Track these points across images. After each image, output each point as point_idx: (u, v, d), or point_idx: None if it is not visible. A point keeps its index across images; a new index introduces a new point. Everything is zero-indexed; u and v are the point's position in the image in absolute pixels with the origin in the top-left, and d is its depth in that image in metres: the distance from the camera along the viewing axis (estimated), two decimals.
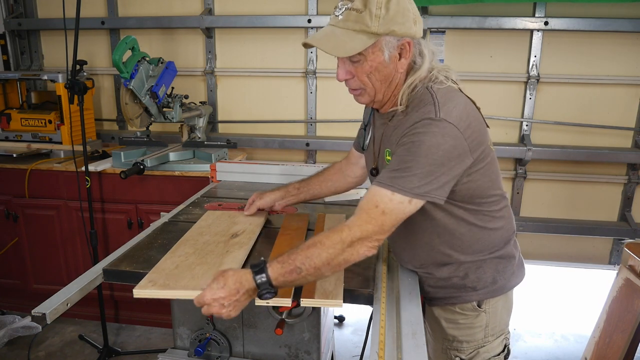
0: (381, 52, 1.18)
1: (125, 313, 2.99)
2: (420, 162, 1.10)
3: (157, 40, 3.18)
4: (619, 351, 2.15)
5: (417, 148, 1.11)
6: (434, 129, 1.11)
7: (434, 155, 1.10)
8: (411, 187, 1.10)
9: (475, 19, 2.76)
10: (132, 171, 2.45)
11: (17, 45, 3.34)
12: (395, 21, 1.14)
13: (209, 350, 1.53)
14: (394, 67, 1.21)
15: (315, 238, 1.12)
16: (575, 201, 3.01)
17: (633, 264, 2.19)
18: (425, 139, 1.11)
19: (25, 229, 2.84)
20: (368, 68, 1.19)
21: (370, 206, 1.11)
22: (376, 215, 1.10)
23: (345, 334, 2.96)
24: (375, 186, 1.13)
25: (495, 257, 1.34)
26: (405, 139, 1.14)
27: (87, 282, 1.28)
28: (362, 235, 1.09)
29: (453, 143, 1.12)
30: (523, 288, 1.44)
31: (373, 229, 1.10)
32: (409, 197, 1.10)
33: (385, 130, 1.31)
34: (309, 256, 1.08)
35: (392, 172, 1.12)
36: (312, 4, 2.96)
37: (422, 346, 1.05)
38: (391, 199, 1.10)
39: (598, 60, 2.81)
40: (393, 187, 1.10)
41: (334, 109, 3.12)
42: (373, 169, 1.39)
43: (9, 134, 2.96)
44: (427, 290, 1.39)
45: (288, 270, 1.08)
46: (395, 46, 1.18)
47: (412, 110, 1.20)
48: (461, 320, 1.36)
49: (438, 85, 1.20)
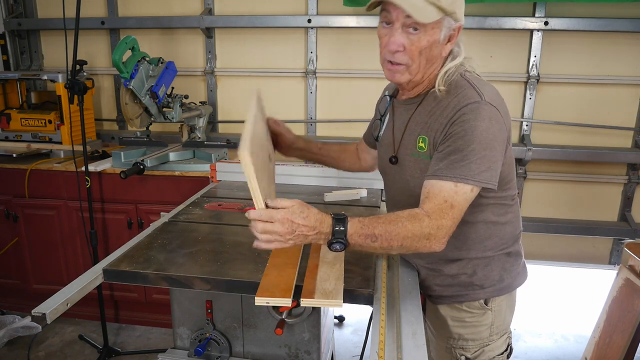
0: (439, 30, 1.18)
1: (125, 313, 3.00)
2: (476, 149, 1.11)
3: (157, 40, 3.18)
4: (619, 351, 2.15)
5: (471, 134, 1.12)
6: (482, 113, 1.13)
7: (486, 140, 1.12)
8: (472, 174, 1.11)
9: (475, 19, 2.76)
10: (132, 171, 2.46)
11: (17, 45, 3.34)
12: (458, 5, 1.18)
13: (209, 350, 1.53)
14: (442, 49, 1.22)
15: (397, 215, 1.11)
16: (576, 201, 3.01)
17: (633, 264, 2.19)
18: (476, 124, 1.12)
19: (25, 229, 2.84)
20: (424, 43, 1.18)
21: (439, 201, 1.11)
22: (447, 209, 1.11)
23: (345, 334, 2.96)
24: (436, 180, 1.13)
25: (504, 255, 1.35)
26: (455, 127, 1.15)
27: (87, 282, 1.27)
28: (440, 230, 1.10)
29: (499, 126, 1.15)
30: (523, 288, 1.45)
31: (447, 224, 1.11)
32: (471, 184, 1.12)
33: (415, 116, 1.29)
34: (389, 231, 1.08)
35: (450, 162, 1.13)
36: (312, 4, 2.96)
37: (422, 346, 1.05)
38: (456, 191, 1.11)
39: (598, 60, 2.81)
40: (455, 177, 1.11)
41: (334, 109, 3.12)
42: (393, 157, 1.36)
43: (9, 134, 2.96)
44: (434, 288, 1.40)
45: (366, 233, 1.08)
46: (450, 28, 1.20)
47: (449, 95, 1.20)
48: (468, 319, 1.37)
49: (469, 73, 1.24)
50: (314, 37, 3.01)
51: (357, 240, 1.09)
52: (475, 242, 1.32)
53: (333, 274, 1.27)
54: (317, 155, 1.65)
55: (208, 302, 1.51)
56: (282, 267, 1.30)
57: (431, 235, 1.10)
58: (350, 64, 3.02)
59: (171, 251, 1.44)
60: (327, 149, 1.67)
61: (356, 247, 1.11)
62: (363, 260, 1.40)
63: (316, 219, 1.08)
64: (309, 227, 1.07)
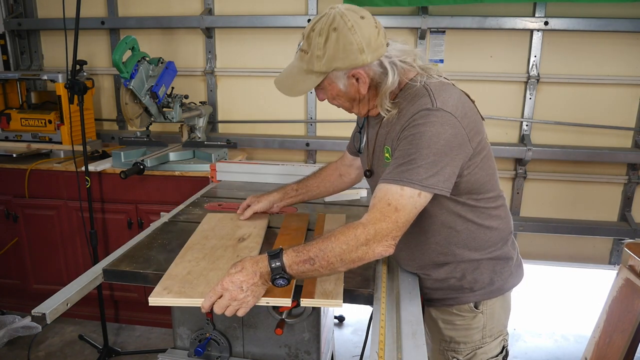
0: (335, 84, 1.24)
1: (125, 313, 2.99)
2: (424, 153, 1.11)
3: (157, 40, 3.18)
4: (619, 351, 2.15)
5: (419, 139, 1.12)
6: (432, 119, 1.13)
7: (436, 145, 1.11)
8: (419, 179, 1.10)
9: (475, 19, 2.76)
10: (132, 171, 2.45)
11: (17, 45, 3.34)
12: (336, 58, 1.17)
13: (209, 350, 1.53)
14: (355, 90, 1.24)
15: (332, 232, 1.12)
16: (575, 201, 3.01)
17: (633, 264, 2.19)
18: (425, 129, 1.12)
19: (25, 229, 2.84)
20: (331, 94, 1.28)
21: (382, 204, 1.11)
22: (389, 212, 1.09)
23: (345, 334, 2.96)
24: (384, 183, 1.14)
25: (492, 258, 1.34)
26: (405, 133, 1.16)
27: (87, 282, 1.27)
28: (378, 234, 1.08)
29: (453, 132, 1.13)
30: (523, 288, 1.45)
31: (387, 227, 1.09)
32: (418, 189, 1.10)
33: (381, 129, 1.32)
34: (323, 249, 1.09)
35: (398, 167, 1.13)
36: (312, 4, 2.96)
37: (422, 346, 1.05)
38: (401, 194, 1.10)
39: (598, 60, 2.81)
40: (401, 181, 1.11)
41: (334, 109, 3.09)
42: (367, 171, 1.40)
43: (9, 134, 2.96)
44: (425, 291, 1.39)
45: (302, 260, 1.09)
46: (344, 77, 1.22)
47: (408, 104, 1.21)
48: (458, 322, 1.36)
49: (431, 80, 1.23)
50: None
51: (297, 269, 1.10)
52: (459, 247, 1.31)
53: (333, 274, 1.27)
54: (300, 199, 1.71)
55: None
56: None
57: (369, 241, 1.08)
58: None
59: (171, 251, 1.44)
60: (305, 189, 1.70)
61: (300, 276, 1.12)
62: None
63: (252, 265, 1.11)
64: (249, 276, 1.10)
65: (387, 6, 2.75)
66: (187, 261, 1.36)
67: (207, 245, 1.48)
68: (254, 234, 1.58)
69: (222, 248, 1.46)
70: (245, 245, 1.49)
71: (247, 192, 2.19)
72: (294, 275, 1.11)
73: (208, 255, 1.41)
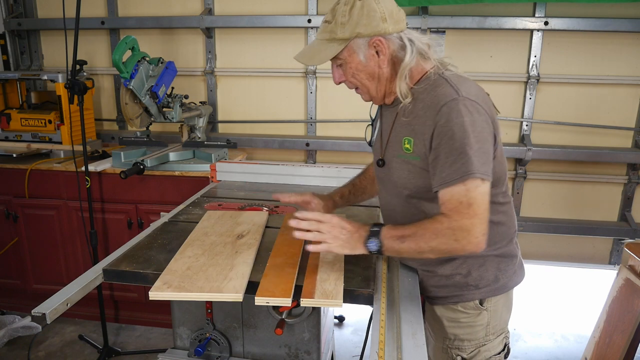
0: (355, 54, 1.25)
1: (125, 313, 3.00)
2: (468, 143, 1.12)
3: (157, 40, 3.18)
4: (619, 351, 2.15)
5: (460, 132, 1.13)
6: (462, 108, 1.14)
7: (475, 132, 1.13)
8: (475, 168, 1.12)
9: (475, 19, 2.76)
10: (132, 171, 2.45)
11: (17, 45, 3.34)
12: (359, 24, 1.21)
13: (209, 350, 1.53)
14: (375, 64, 1.26)
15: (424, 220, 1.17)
16: (575, 201, 3.01)
17: (633, 264, 2.19)
18: (460, 120, 1.13)
19: (25, 229, 2.84)
20: (350, 70, 1.28)
21: (454, 205, 1.13)
22: (465, 209, 1.12)
23: (345, 334, 2.96)
24: (445, 188, 1.14)
25: (498, 255, 1.35)
26: (442, 129, 1.15)
27: (87, 282, 1.28)
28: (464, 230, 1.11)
29: (483, 119, 1.16)
30: (523, 288, 1.45)
31: (471, 222, 1.11)
32: (478, 177, 1.12)
33: (398, 119, 1.31)
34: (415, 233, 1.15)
35: (450, 165, 1.14)
36: (312, 4, 2.96)
37: (422, 346, 1.05)
38: (467, 189, 1.12)
39: (598, 60, 2.81)
40: (460, 178, 1.12)
41: (334, 109, 3.12)
42: (380, 160, 1.39)
43: (9, 134, 2.96)
44: (429, 289, 1.40)
45: (395, 235, 1.17)
46: (366, 46, 1.23)
47: (428, 94, 1.22)
48: (463, 319, 1.37)
49: (447, 72, 1.25)
50: (314, 37, 3.00)
51: (389, 243, 1.18)
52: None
53: (333, 274, 1.27)
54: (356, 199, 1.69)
55: (208, 302, 1.51)
56: (282, 267, 1.31)
57: (457, 237, 1.11)
58: None
59: (171, 251, 1.44)
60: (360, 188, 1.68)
61: (389, 249, 1.19)
62: (363, 260, 1.40)
63: (356, 223, 1.23)
64: (354, 227, 1.20)
65: None
66: (187, 257, 1.37)
67: (207, 242, 1.49)
68: (252, 231, 1.58)
69: (222, 244, 1.47)
70: (244, 241, 1.49)
71: (247, 192, 2.19)
72: (384, 246, 1.18)
73: (207, 251, 1.42)
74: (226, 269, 1.30)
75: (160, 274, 1.27)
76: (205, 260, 1.35)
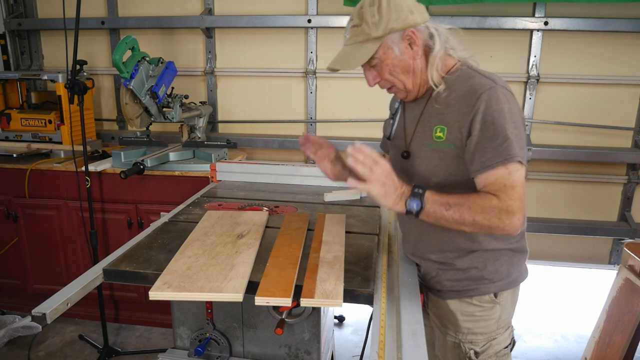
0: (391, 50, 1.27)
1: (125, 313, 3.00)
2: (508, 129, 1.17)
3: (157, 40, 3.18)
4: (619, 351, 2.15)
5: (499, 118, 1.18)
6: (500, 96, 1.20)
7: (513, 119, 1.19)
8: (515, 152, 1.16)
9: (475, 19, 2.76)
10: (132, 171, 2.46)
11: (17, 45, 3.34)
12: (390, 19, 1.24)
13: (209, 350, 1.53)
14: (410, 57, 1.29)
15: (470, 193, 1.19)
16: (575, 201, 3.01)
17: (633, 264, 2.19)
18: (500, 107, 1.19)
19: (25, 229, 2.84)
20: (386, 67, 1.29)
21: (499, 188, 1.16)
22: (509, 191, 1.15)
23: (345, 334, 2.96)
24: (487, 171, 1.18)
25: (512, 249, 1.39)
26: (481, 116, 1.19)
27: (87, 282, 1.28)
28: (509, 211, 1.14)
29: (517, 107, 1.23)
30: (523, 288, 1.45)
31: (515, 204, 1.14)
32: (518, 161, 1.16)
33: (427, 109, 1.34)
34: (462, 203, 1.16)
35: (492, 149, 1.17)
36: (312, 4, 2.96)
37: (422, 346, 1.05)
38: (509, 172, 1.16)
39: (598, 60, 2.81)
40: (503, 161, 1.16)
41: (334, 109, 3.12)
42: (405, 152, 1.40)
43: (9, 134, 2.96)
44: (444, 283, 1.42)
45: (440, 201, 1.17)
46: (400, 39, 1.26)
47: (460, 84, 1.27)
48: (477, 313, 1.40)
49: (475, 65, 1.33)
50: (314, 37, 3.01)
51: (431, 207, 1.17)
52: (485, 234, 1.33)
53: (333, 274, 1.27)
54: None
55: (208, 302, 1.51)
56: (282, 267, 1.31)
57: (501, 217, 1.14)
58: None
59: (171, 251, 1.44)
60: None
61: (429, 214, 1.18)
62: (363, 260, 1.40)
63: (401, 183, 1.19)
64: (398, 182, 1.18)
65: None
66: (187, 257, 1.37)
67: (207, 242, 1.49)
68: (252, 231, 1.58)
69: (222, 244, 1.47)
70: (244, 241, 1.49)
71: (247, 192, 2.19)
72: (424, 209, 1.18)
73: (207, 251, 1.42)
74: (226, 269, 1.30)
75: (160, 274, 1.27)
76: (205, 260, 1.35)
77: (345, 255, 1.39)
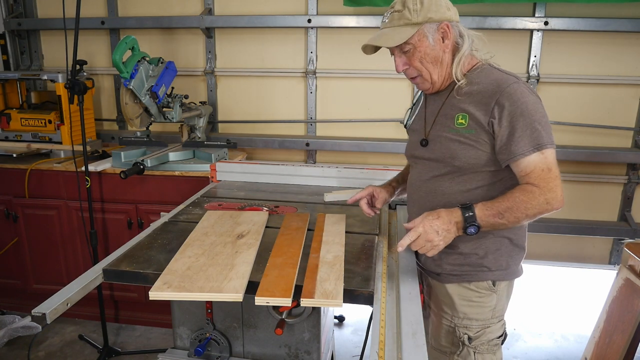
0: (425, 38, 1.37)
1: (125, 313, 3.00)
2: (537, 119, 1.28)
3: (157, 40, 3.18)
4: (619, 351, 2.15)
5: (527, 109, 1.28)
6: (525, 89, 1.31)
7: (539, 110, 1.30)
8: (547, 139, 1.28)
9: (475, 19, 2.76)
10: (132, 171, 2.46)
11: (17, 45, 3.34)
12: (430, 10, 1.35)
13: (209, 350, 1.53)
14: (440, 48, 1.39)
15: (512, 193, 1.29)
16: (575, 201, 3.01)
17: (633, 264, 2.19)
18: (526, 99, 1.29)
19: (25, 229, 2.84)
20: (418, 54, 1.39)
21: (538, 173, 1.28)
22: (546, 174, 1.28)
23: (345, 334, 2.96)
24: (522, 158, 1.28)
25: (512, 242, 1.45)
26: (510, 109, 1.29)
27: (87, 282, 1.28)
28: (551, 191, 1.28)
29: (540, 100, 1.33)
30: (523, 288, 1.47)
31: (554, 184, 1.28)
32: (551, 146, 1.28)
33: (449, 100, 1.43)
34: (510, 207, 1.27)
35: (525, 137, 1.28)
36: (312, 4, 2.96)
37: (422, 346, 1.05)
38: (545, 156, 1.28)
39: (598, 60, 2.81)
40: (537, 147, 1.27)
41: (334, 109, 3.12)
42: (423, 140, 1.49)
43: (9, 134, 2.96)
44: (445, 267, 1.48)
45: (492, 214, 1.28)
46: (435, 30, 1.37)
47: (483, 79, 1.37)
48: (475, 298, 1.46)
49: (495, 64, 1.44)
50: (314, 37, 3.01)
51: (487, 221, 1.29)
52: None
53: (333, 274, 1.27)
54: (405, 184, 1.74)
55: (208, 302, 1.51)
56: (282, 267, 1.31)
57: (548, 200, 1.27)
58: (350, 64, 3.02)
59: (171, 251, 1.44)
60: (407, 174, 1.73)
61: (488, 227, 1.30)
62: (363, 260, 1.40)
63: (447, 214, 1.30)
64: (445, 222, 1.28)
65: (387, 6, 2.74)
66: (187, 257, 1.37)
67: (207, 242, 1.49)
68: (252, 231, 1.58)
69: (222, 244, 1.47)
70: (244, 241, 1.49)
71: (247, 192, 2.20)
72: (483, 226, 1.29)
73: (207, 251, 1.42)
74: (226, 269, 1.30)
75: (160, 274, 1.27)
76: (205, 260, 1.36)
77: (345, 255, 1.39)
